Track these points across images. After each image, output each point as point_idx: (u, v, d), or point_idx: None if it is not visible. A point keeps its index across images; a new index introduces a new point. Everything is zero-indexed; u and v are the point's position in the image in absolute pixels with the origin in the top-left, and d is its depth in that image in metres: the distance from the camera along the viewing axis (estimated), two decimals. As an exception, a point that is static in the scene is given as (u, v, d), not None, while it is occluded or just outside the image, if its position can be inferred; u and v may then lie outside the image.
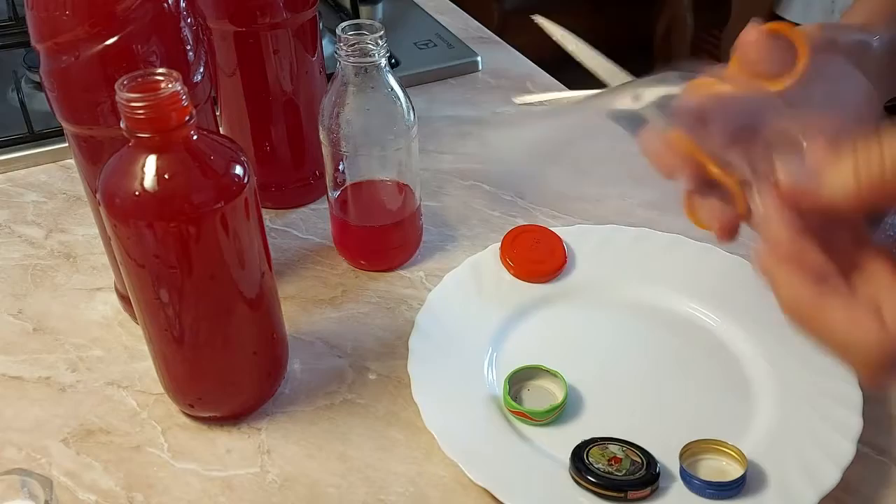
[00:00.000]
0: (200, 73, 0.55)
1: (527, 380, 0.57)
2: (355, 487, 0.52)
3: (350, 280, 0.67)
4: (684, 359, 0.59)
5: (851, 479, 0.50)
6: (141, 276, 0.49)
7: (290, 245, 0.70)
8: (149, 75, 0.46)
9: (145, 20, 0.50)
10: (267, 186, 0.72)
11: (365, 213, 0.67)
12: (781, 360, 0.57)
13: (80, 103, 0.52)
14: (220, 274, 0.49)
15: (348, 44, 0.58)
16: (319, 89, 0.70)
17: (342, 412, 0.56)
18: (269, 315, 0.55)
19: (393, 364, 0.59)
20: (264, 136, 0.71)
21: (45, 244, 0.71)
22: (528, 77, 0.94)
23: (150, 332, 0.52)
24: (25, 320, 0.64)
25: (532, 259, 0.64)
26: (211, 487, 0.52)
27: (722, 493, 0.49)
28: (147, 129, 0.45)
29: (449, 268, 0.65)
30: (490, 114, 0.88)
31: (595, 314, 0.62)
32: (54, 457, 0.54)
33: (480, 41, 1.01)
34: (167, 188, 0.46)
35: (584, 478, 0.49)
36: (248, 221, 0.49)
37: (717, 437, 0.51)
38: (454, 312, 0.61)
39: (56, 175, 0.80)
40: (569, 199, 0.75)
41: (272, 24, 0.65)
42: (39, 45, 0.51)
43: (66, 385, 0.59)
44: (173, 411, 0.57)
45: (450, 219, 0.73)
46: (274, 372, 0.57)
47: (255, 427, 0.56)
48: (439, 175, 0.78)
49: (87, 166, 0.55)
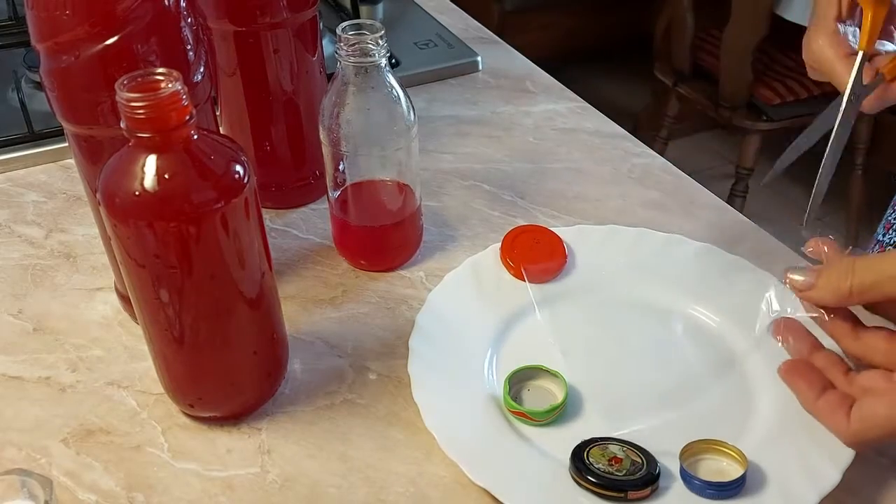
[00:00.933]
0: (200, 73, 0.55)
1: (527, 380, 0.57)
2: (355, 487, 0.52)
3: (350, 280, 0.67)
4: (684, 359, 0.59)
5: (851, 479, 0.49)
6: (141, 276, 0.49)
7: (290, 245, 0.70)
8: (149, 75, 0.46)
9: (145, 20, 0.50)
10: (267, 186, 0.72)
11: (365, 213, 0.67)
12: (781, 360, 0.57)
13: (80, 103, 0.52)
14: (220, 274, 0.49)
15: (348, 44, 0.58)
16: (319, 89, 0.70)
17: (342, 412, 0.56)
18: (270, 315, 0.55)
19: (393, 364, 0.59)
20: (264, 136, 0.71)
21: (45, 244, 0.71)
22: (528, 77, 0.94)
23: (150, 332, 0.52)
24: (25, 320, 0.64)
25: (532, 259, 0.64)
26: (211, 487, 0.52)
27: (722, 493, 0.49)
28: (147, 128, 0.45)
29: (449, 268, 0.65)
30: (490, 113, 0.88)
31: (595, 314, 0.62)
32: (54, 457, 0.54)
33: (480, 41, 1.01)
34: (167, 188, 0.46)
35: (584, 478, 0.49)
36: (248, 221, 0.49)
37: (717, 437, 0.51)
38: (454, 312, 0.61)
39: (56, 175, 0.80)
40: (569, 199, 0.75)
41: (272, 23, 0.64)
42: (39, 45, 0.51)
43: (66, 385, 0.59)
44: (173, 411, 0.57)
45: (450, 219, 0.73)
46: (274, 372, 0.57)
47: (256, 427, 0.56)
48: (439, 175, 0.78)
49: (87, 166, 0.55)
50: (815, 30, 0.59)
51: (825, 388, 0.51)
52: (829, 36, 0.58)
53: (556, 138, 0.84)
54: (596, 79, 2.69)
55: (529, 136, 0.84)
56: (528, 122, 0.86)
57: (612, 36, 2.74)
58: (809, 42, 0.59)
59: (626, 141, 0.83)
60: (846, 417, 0.49)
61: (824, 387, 0.51)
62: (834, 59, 0.58)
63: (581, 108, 0.89)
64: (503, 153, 0.82)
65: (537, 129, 0.85)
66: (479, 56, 0.95)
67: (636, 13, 2.70)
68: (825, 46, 0.58)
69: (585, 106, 0.89)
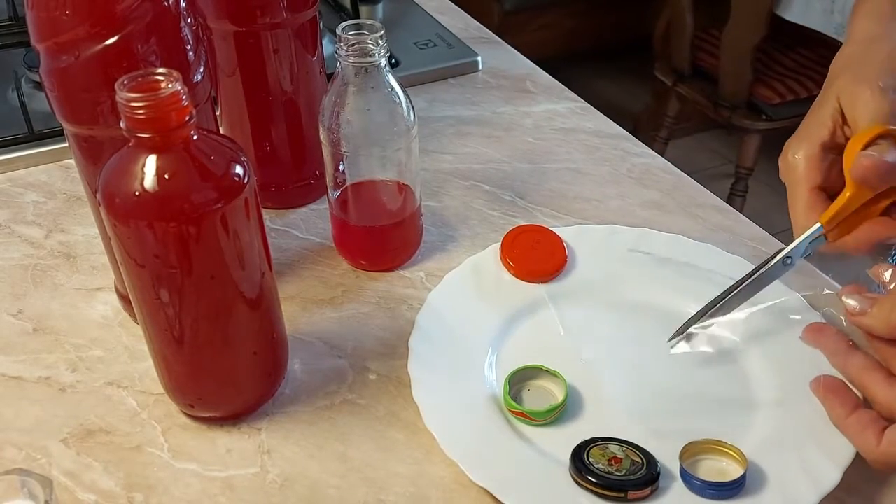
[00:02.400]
0: (200, 73, 0.55)
1: (527, 380, 0.57)
2: (355, 488, 0.52)
3: (350, 280, 0.67)
4: (684, 359, 0.59)
5: (851, 479, 0.50)
6: (141, 276, 0.49)
7: (290, 245, 0.70)
8: (149, 75, 0.45)
9: (145, 20, 0.50)
10: (267, 186, 0.72)
11: (365, 213, 0.67)
12: (781, 360, 0.57)
13: (80, 103, 0.52)
14: (220, 274, 0.49)
15: (348, 44, 0.58)
16: (319, 89, 0.70)
17: (342, 412, 0.56)
18: (269, 315, 0.55)
19: (393, 364, 0.59)
20: (264, 136, 0.71)
21: (45, 244, 0.71)
22: (528, 77, 0.94)
23: (150, 332, 0.52)
24: (25, 320, 0.64)
25: (532, 259, 0.64)
26: (211, 487, 0.52)
27: (722, 493, 0.49)
28: (147, 129, 0.45)
29: (449, 268, 0.65)
30: (490, 114, 0.88)
31: (595, 314, 0.62)
32: (54, 457, 0.54)
33: (480, 41, 1.01)
34: (167, 188, 0.46)
35: (584, 478, 0.49)
36: (248, 221, 0.49)
37: (717, 437, 0.51)
38: (454, 312, 0.61)
39: (56, 175, 0.80)
40: (569, 199, 0.75)
41: (272, 23, 0.64)
42: (39, 45, 0.51)
43: (66, 385, 0.59)
44: (173, 411, 0.57)
45: (450, 219, 0.73)
46: (274, 372, 0.57)
47: (255, 427, 0.56)
48: (439, 175, 0.78)
49: (87, 166, 0.55)
50: (797, 140, 0.55)
51: (857, 407, 0.50)
52: (808, 158, 0.54)
53: (556, 138, 0.84)
54: (596, 79, 2.69)
55: (529, 136, 0.84)
56: (528, 122, 0.86)
57: (612, 36, 2.74)
58: (788, 149, 0.55)
59: (625, 141, 0.83)
60: (875, 437, 0.48)
61: (856, 405, 0.50)
62: (800, 182, 0.54)
63: (581, 108, 0.89)
64: (503, 153, 0.82)
65: (537, 129, 0.85)
66: (479, 56, 0.95)
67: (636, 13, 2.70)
68: (801, 162, 0.54)
69: (585, 106, 0.89)
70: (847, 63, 0.57)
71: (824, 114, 0.55)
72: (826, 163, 0.54)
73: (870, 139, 0.51)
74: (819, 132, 0.54)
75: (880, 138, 0.51)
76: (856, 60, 0.56)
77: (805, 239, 0.54)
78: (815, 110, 0.56)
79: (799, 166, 0.54)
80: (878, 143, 0.51)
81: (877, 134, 0.51)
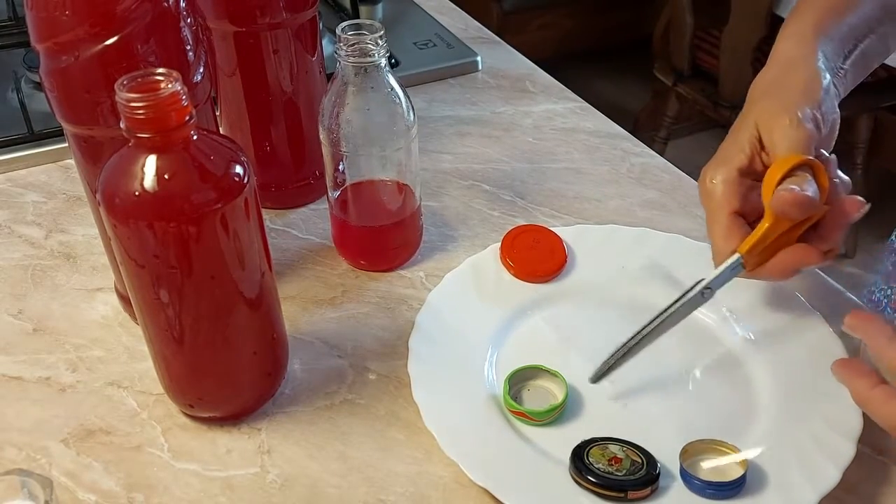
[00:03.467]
0: (200, 73, 0.55)
1: (527, 380, 0.57)
2: (355, 487, 0.52)
3: (350, 280, 0.67)
4: (684, 359, 0.59)
5: (851, 479, 0.50)
6: (141, 276, 0.49)
7: (290, 245, 0.70)
8: (149, 75, 0.45)
9: (145, 20, 0.50)
10: (267, 186, 0.73)
11: (365, 213, 0.67)
12: (781, 360, 0.57)
13: (80, 103, 0.52)
14: (220, 274, 0.49)
15: (348, 44, 0.58)
16: (319, 89, 0.70)
17: (342, 412, 0.56)
18: (269, 315, 0.55)
19: (393, 364, 0.59)
20: (264, 136, 0.71)
21: (45, 244, 0.71)
22: (528, 77, 0.94)
23: (150, 332, 0.52)
24: (25, 320, 0.64)
25: (532, 259, 0.64)
26: (211, 487, 0.52)
27: (722, 493, 0.49)
28: (147, 129, 0.45)
29: (449, 268, 0.65)
30: (490, 113, 0.88)
31: (595, 314, 0.62)
32: (54, 457, 0.54)
33: (480, 41, 1.01)
34: (167, 188, 0.46)
35: (584, 478, 0.49)
36: (248, 221, 0.49)
37: (717, 437, 0.51)
38: (454, 312, 0.61)
39: (56, 175, 0.80)
40: (568, 199, 0.75)
41: (272, 24, 0.65)
42: (39, 45, 0.51)
43: (66, 385, 0.59)
44: (173, 411, 0.57)
45: (450, 219, 0.73)
46: (274, 372, 0.57)
47: (255, 427, 0.56)
48: (439, 175, 0.78)
49: (87, 166, 0.55)
50: (715, 165, 0.54)
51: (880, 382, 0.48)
52: (726, 183, 0.53)
53: (556, 138, 0.84)
54: (595, 79, 2.69)
55: (529, 136, 0.84)
56: (528, 122, 0.86)
57: (612, 36, 2.74)
58: (706, 174, 0.54)
59: (625, 141, 0.83)
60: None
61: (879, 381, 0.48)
62: (719, 208, 0.53)
63: (580, 107, 0.89)
64: (503, 153, 0.82)
65: (537, 129, 0.85)
66: (478, 56, 0.95)
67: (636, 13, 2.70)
68: (719, 187, 0.53)
69: (585, 106, 0.89)
70: (767, 88, 0.56)
71: (742, 139, 0.54)
72: (744, 188, 0.53)
73: (788, 169, 0.50)
74: (737, 158, 0.53)
75: (798, 169, 0.50)
76: (776, 85, 0.56)
77: (724, 269, 0.53)
78: (734, 135, 0.55)
79: (717, 192, 0.53)
80: (797, 173, 0.50)
81: (795, 164, 0.50)
